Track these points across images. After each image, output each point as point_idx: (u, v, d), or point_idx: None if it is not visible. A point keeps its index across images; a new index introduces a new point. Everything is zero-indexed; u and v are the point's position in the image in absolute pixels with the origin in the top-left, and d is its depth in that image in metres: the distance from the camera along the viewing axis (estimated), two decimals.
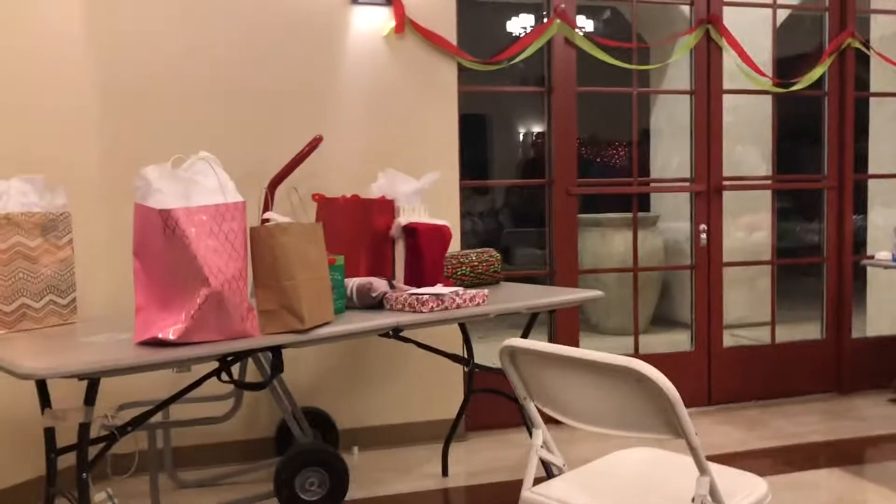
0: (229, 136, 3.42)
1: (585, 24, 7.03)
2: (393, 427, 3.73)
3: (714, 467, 1.65)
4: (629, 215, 4.41)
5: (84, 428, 1.94)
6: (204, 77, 3.42)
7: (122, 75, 3.31)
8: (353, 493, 3.00)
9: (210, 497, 3.12)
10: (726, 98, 4.26)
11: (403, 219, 2.85)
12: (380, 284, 2.57)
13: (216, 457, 3.47)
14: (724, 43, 4.18)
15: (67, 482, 2.28)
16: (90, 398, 1.92)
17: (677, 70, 4.96)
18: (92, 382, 1.90)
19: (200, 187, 2.01)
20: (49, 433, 2.18)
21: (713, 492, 1.61)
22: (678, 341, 5.14)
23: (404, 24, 3.58)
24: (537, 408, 1.87)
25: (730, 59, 4.23)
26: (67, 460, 2.22)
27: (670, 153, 6.43)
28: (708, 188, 4.25)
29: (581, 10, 4.10)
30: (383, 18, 3.60)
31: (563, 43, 3.93)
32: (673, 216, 6.28)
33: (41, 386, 2.16)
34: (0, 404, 2.94)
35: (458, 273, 3.00)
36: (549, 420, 1.84)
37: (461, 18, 3.74)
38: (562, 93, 3.98)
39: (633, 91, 4.22)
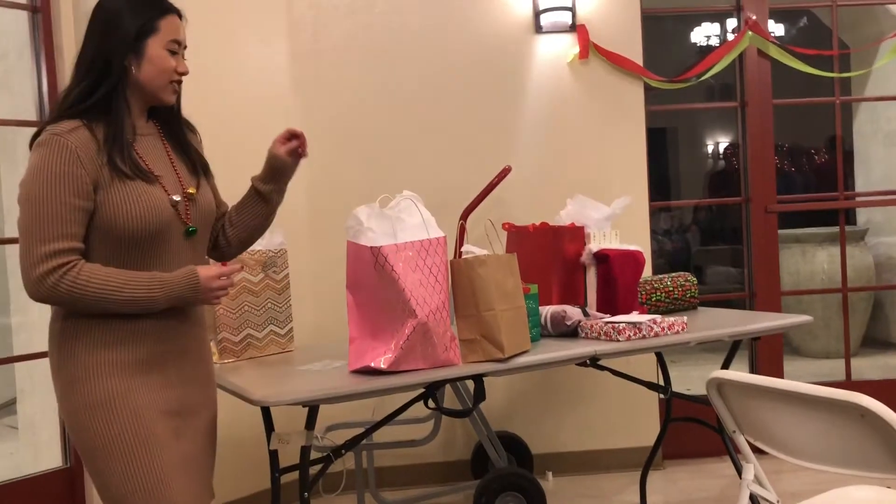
0: (423, 168, 3.57)
1: (775, 28, 6.66)
2: (587, 453, 3.70)
3: None
4: (832, 229, 4.12)
5: (306, 450, 2.10)
6: (398, 115, 3.61)
7: (323, 119, 3.55)
8: None
9: None
10: None
11: (594, 245, 2.84)
12: (574, 313, 2.58)
13: (416, 478, 3.60)
14: None
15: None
16: (311, 423, 2.07)
17: (881, 72, 4.61)
18: (312, 409, 2.05)
19: (406, 224, 2.13)
20: (273, 455, 2.34)
21: None
22: (892, 365, 4.71)
23: (588, 49, 3.58)
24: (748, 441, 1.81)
25: None
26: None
27: (875, 162, 5.95)
28: None
29: (772, 14, 3.90)
30: (567, 45, 3.63)
31: (756, 55, 3.77)
32: (884, 229, 5.79)
33: (266, 411, 2.35)
34: (223, 423, 3.20)
35: (653, 299, 2.94)
36: (753, 451, 1.78)
37: (644, 33, 3.69)
38: (757, 107, 3.81)
39: (835, 100, 3.96)
